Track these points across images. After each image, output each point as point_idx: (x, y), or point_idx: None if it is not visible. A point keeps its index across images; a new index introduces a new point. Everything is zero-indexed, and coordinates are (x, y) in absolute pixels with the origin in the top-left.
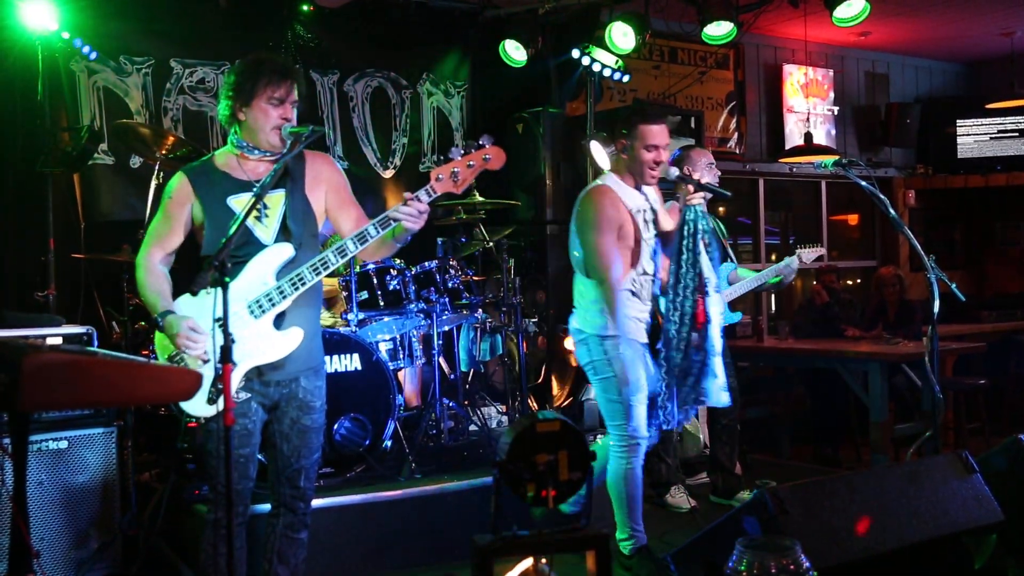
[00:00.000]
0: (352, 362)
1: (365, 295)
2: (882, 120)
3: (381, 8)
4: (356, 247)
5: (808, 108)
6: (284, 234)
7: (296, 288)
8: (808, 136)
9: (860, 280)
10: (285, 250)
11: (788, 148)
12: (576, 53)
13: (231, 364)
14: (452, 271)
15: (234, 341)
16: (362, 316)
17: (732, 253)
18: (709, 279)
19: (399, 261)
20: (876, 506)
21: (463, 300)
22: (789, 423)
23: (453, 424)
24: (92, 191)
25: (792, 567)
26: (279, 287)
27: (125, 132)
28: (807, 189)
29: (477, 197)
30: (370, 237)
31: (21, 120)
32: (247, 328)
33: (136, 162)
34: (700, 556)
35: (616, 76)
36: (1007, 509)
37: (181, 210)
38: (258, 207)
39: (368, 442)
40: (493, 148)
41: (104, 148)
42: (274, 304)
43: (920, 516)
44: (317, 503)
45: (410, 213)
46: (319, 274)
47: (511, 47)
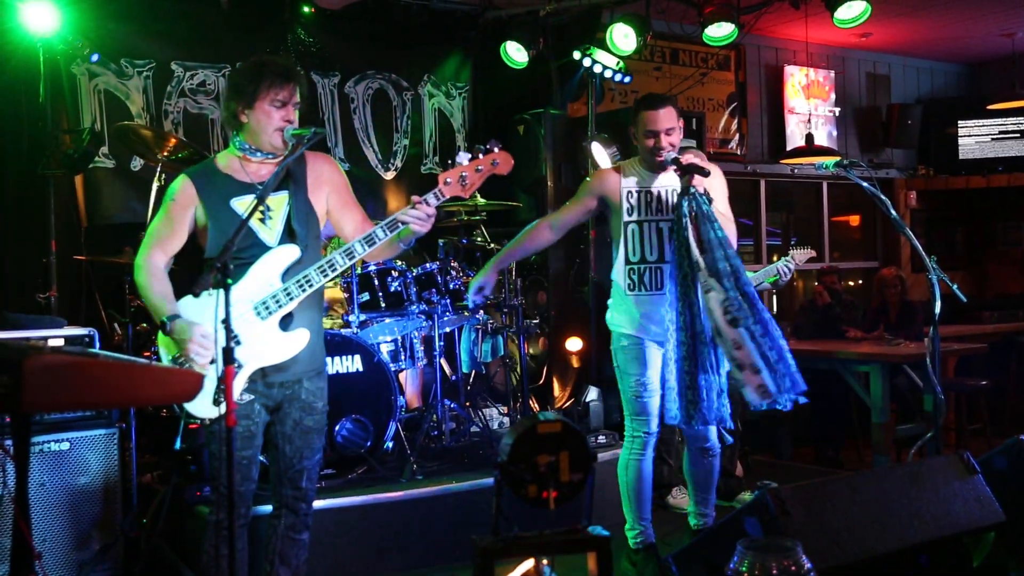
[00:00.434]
0: (353, 363)
1: (367, 297)
2: (883, 121)
3: (382, 10)
4: (364, 249)
5: (809, 109)
6: (288, 236)
7: (303, 290)
8: (809, 137)
9: (861, 281)
10: (291, 251)
11: (789, 149)
12: (577, 54)
13: (235, 366)
14: (453, 272)
15: (239, 343)
16: (363, 317)
17: None
18: (725, 266)
19: (400, 263)
20: (878, 507)
21: (464, 301)
22: (790, 424)
23: (454, 425)
24: (94, 193)
25: (793, 568)
26: (286, 288)
27: (126, 134)
28: (808, 190)
29: (478, 198)
30: (378, 239)
31: (24, 123)
32: (253, 329)
33: (137, 165)
34: (702, 557)
35: (617, 77)
36: (1008, 510)
37: (184, 213)
38: (261, 209)
39: (369, 443)
40: (502, 153)
41: (105, 151)
42: (281, 305)
43: (921, 517)
44: (318, 504)
45: (418, 217)
46: (326, 276)
47: (512, 48)
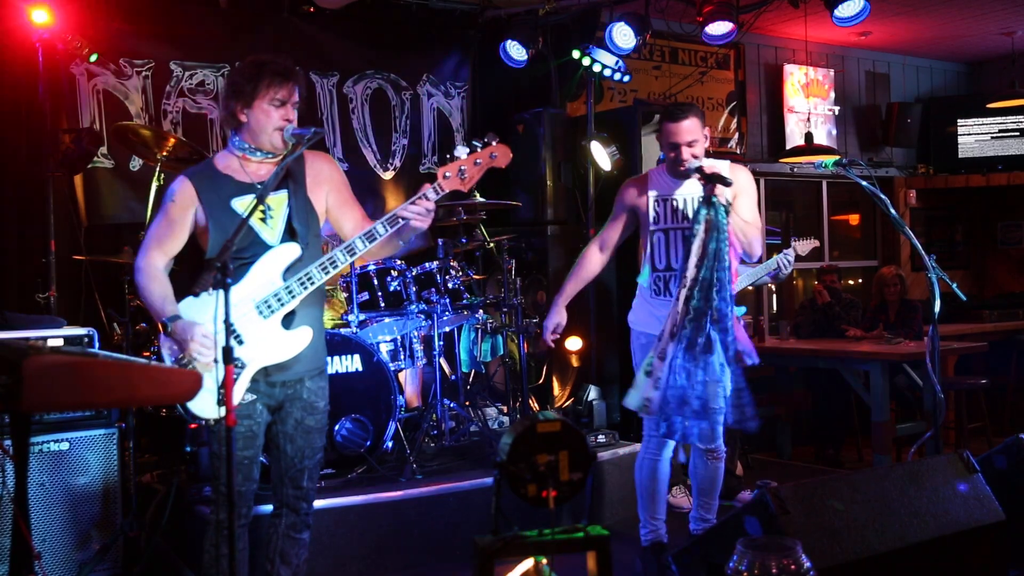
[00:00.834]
0: (353, 363)
1: (366, 296)
2: (883, 120)
3: (381, 9)
4: (365, 245)
5: (809, 108)
6: (289, 234)
7: (305, 287)
8: (809, 136)
9: (861, 280)
10: (292, 250)
11: (789, 148)
12: (576, 54)
13: (238, 365)
14: (453, 272)
15: (242, 342)
16: (363, 317)
17: None
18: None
19: (400, 262)
20: (877, 506)
21: (464, 301)
22: (790, 423)
23: (454, 425)
24: (93, 193)
25: (793, 567)
26: (287, 287)
27: (125, 134)
28: (808, 189)
29: (478, 197)
30: (379, 235)
31: (24, 123)
32: (256, 328)
33: (136, 164)
34: (701, 556)
35: (617, 76)
36: (1008, 509)
37: (184, 214)
38: (262, 208)
39: (369, 443)
40: (500, 146)
41: (104, 151)
42: (283, 304)
43: (921, 516)
44: (318, 504)
45: (418, 211)
46: (327, 273)
47: (511, 48)
